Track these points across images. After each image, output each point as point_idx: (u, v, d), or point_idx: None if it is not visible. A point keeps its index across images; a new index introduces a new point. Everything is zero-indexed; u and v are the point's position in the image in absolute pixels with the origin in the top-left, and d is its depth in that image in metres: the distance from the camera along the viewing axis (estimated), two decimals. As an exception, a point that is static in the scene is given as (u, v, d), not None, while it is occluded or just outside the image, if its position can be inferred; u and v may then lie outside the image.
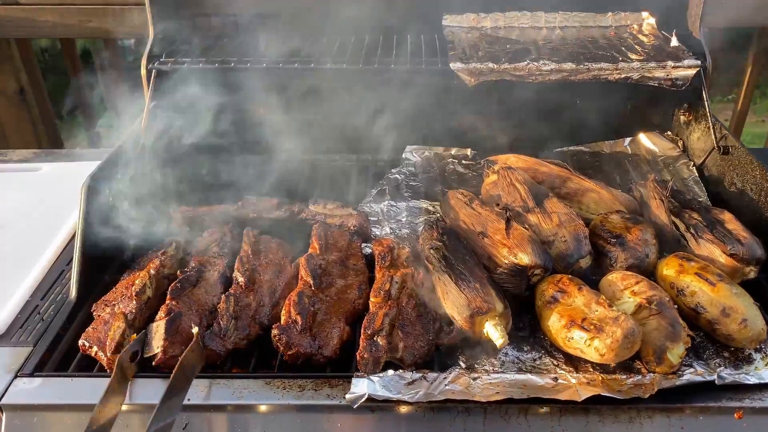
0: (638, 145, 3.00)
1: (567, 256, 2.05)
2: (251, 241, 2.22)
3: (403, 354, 1.80)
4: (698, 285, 1.90)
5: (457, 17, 3.00)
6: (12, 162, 2.93)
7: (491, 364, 1.83)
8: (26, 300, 2.08)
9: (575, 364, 1.82)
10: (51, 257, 2.28)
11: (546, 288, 1.93)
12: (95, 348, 1.85)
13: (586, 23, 2.98)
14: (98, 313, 1.99)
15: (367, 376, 1.71)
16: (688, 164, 2.78)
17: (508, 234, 2.06)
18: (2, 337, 1.93)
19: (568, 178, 2.44)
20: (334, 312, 1.97)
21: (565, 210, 2.18)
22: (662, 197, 2.28)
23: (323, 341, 1.86)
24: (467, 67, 2.54)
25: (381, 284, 1.99)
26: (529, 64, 2.53)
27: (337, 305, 2.00)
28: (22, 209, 2.57)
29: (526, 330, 1.96)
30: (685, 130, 2.91)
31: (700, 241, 2.10)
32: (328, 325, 1.91)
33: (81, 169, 2.61)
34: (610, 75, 2.55)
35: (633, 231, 2.12)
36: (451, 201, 2.38)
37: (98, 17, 3.83)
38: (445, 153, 2.99)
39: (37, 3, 3.82)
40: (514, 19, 2.99)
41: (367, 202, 2.62)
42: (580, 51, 2.66)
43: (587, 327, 1.75)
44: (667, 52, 2.64)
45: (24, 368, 1.81)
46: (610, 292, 1.92)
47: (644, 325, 1.78)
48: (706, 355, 1.84)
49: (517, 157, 2.58)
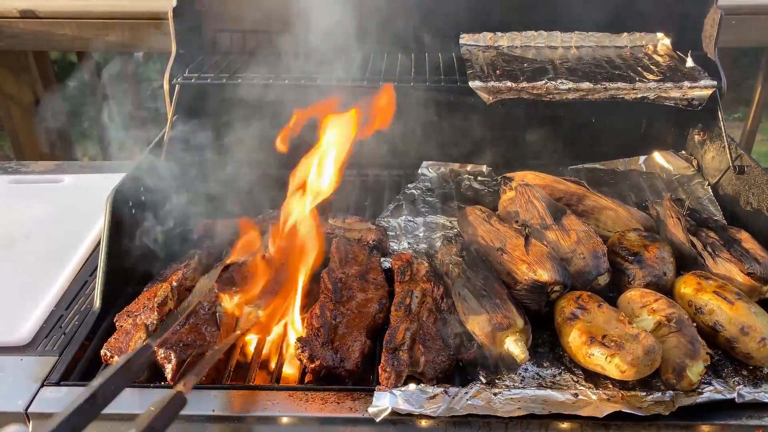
0: (653, 164, 3.02)
1: (586, 273, 2.08)
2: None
3: (425, 368, 1.82)
4: (716, 303, 1.91)
5: (473, 36, 3.04)
6: (34, 173, 2.97)
7: (511, 379, 1.85)
8: (51, 310, 2.11)
9: (595, 381, 1.83)
10: (75, 267, 2.31)
11: (565, 305, 1.95)
12: (116, 358, 1.88)
13: (602, 43, 3.02)
14: (120, 324, 2.01)
15: (389, 390, 1.73)
16: (703, 183, 2.80)
17: (527, 250, 2.08)
18: (28, 346, 1.96)
19: (584, 196, 2.46)
20: (355, 325, 1.98)
21: (583, 227, 2.20)
22: (679, 216, 2.30)
23: (345, 354, 1.87)
24: (486, 86, 2.57)
25: (401, 298, 2.01)
26: (546, 83, 2.57)
27: (358, 319, 2.02)
28: (46, 220, 2.60)
29: (545, 346, 1.98)
30: (700, 149, 2.93)
31: (718, 260, 2.12)
32: (349, 339, 1.92)
33: (103, 180, 2.67)
34: (627, 95, 2.58)
35: (651, 249, 2.14)
36: (469, 217, 2.40)
37: (115, 31, 3.89)
38: (460, 169, 3.02)
39: (55, 16, 3.89)
40: (531, 39, 3.03)
41: (385, 216, 2.65)
42: (597, 70, 2.70)
43: (608, 344, 1.76)
44: (683, 72, 2.67)
45: (50, 377, 1.83)
46: (629, 310, 1.94)
47: (663, 342, 1.79)
48: (725, 373, 1.86)
49: (535, 174, 2.61)
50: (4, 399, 1.76)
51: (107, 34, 3.91)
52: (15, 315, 2.07)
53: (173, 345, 1.85)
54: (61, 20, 3.89)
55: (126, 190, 2.27)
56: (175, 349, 1.83)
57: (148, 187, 2.39)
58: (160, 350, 1.83)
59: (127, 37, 3.90)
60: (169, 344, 1.84)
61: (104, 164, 3.16)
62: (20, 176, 2.96)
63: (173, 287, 2.10)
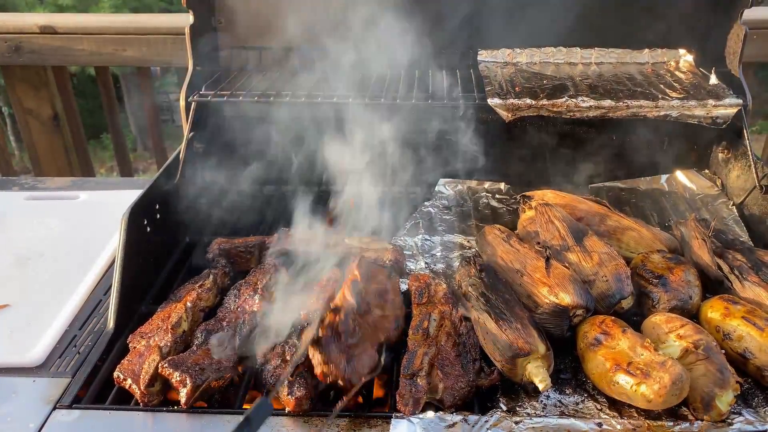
0: (675, 183, 2.96)
1: (609, 297, 2.02)
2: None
3: (443, 395, 1.77)
4: (746, 329, 1.85)
5: (492, 52, 3.01)
6: (50, 190, 2.97)
7: (533, 407, 1.79)
8: (65, 330, 2.09)
9: (619, 409, 1.77)
10: (89, 286, 2.29)
11: (588, 330, 1.90)
12: (129, 381, 1.84)
13: (623, 59, 2.97)
14: (134, 345, 1.98)
15: (407, 418, 1.69)
16: (728, 203, 2.73)
17: (548, 273, 2.03)
18: (41, 367, 1.93)
19: (606, 216, 2.41)
20: (369, 339, 1.92)
21: (605, 248, 2.15)
22: (704, 237, 2.24)
23: (356, 367, 1.81)
24: (505, 103, 2.54)
25: (419, 321, 1.97)
26: (567, 101, 2.52)
27: (372, 335, 1.96)
28: (61, 237, 2.59)
29: (567, 372, 1.93)
30: (724, 167, 2.87)
31: (746, 284, 2.05)
32: (364, 355, 1.86)
33: (118, 197, 2.66)
34: (649, 112, 2.52)
35: (676, 271, 2.09)
36: (488, 237, 2.36)
37: (133, 46, 3.92)
38: (478, 186, 2.98)
39: (74, 32, 3.93)
40: (550, 55, 3.00)
41: (401, 235, 2.61)
42: (618, 88, 2.65)
43: (633, 371, 1.71)
44: (707, 89, 2.61)
45: (62, 400, 1.81)
46: (654, 335, 1.88)
47: (691, 370, 1.73)
48: (755, 402, 1.79)
49: (555, 193, 2.56)
50: (17, 422, 1.73)
51: (125, 49, 3.94)
52: (29, 335, 2.05)
53: (189, 368, 1.81)
54: (79, 36, 3.93)
55: (141, 208, 2.26)
56: (191, 372, 1.79)
57: (163, 205, 2.37)
58: (175, 373, 1.79)
59: (144, 52, 3.93)
60: (185, 367, 1.81)
61: (120, 181, 3.16)
62: (36, 192, 2.96)
63: (187, 308, 2.07)
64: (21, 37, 3.89)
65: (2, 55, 3.93)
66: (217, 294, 2.21)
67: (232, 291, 2.17)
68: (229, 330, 2.00)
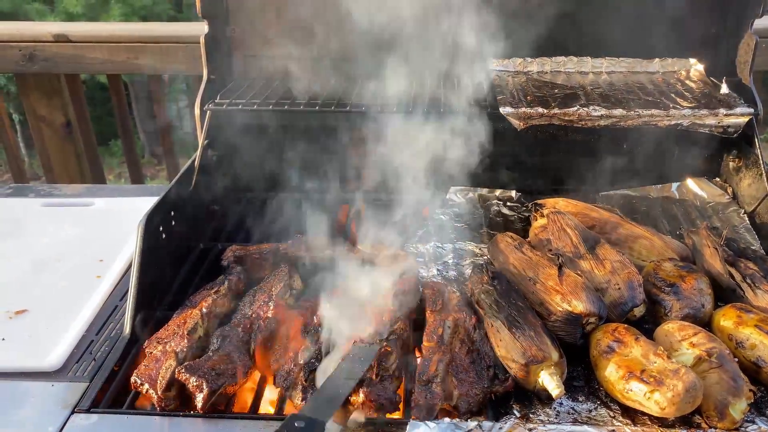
0: (686, 191, 2.97)
1: (621, 305, 2.03)
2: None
3: (458, 402, 1.78)
4: (759, 338, 1.86)
5: (503, 61, 3.03)
6: (65, 197, 3.01)
7: (546, 414, 1.80)
8: (81, 335, 2.11)
9: (632, 417, 1.78)
10: (106, 292, 2.32)
11: (601, 337, 1.91)
12: (146, 386, 1.86)
13: (633, 68, 2.99)
14: (150, 351, 2.01)
15: (423, 423, 1.70)
16: (739, 211, 2.74)
17: (561, 280, 2.04)
18: (59, 372, 1.96)
19: (618, 224, 2.42)
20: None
21: (617, 257, 2.16)
22: (716, 245, 2.25)
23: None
24: (517, 112, 2.56)
25: (433, 328, 1.98)
26: (578, 110, 2.54)
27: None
28: (77, 243, 2.62)
29: (580, 379, 1.93)
30: (735, 176, 2.88)
31: (758, 292, 2.06)
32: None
33: (133, 204, 2.70)
34: (660, 121, 2.54)
35: (688, 279, 2.09)
36: (500, 245, 2.37)
37: (146, 54, 3.96)
38: (489, 194, 2.99)
39: (87, 40, 3.97)
40: (561, 64, 3.02)
41: (413, 242, 2.63)
42: (629, 97, 2.67)
43: (647, 379, 1.72)
44: (718, 99, 2.63)
45: (80, 404, 1.83)
46: (666, 343, 1.89)
47: (704, 378, 1.74)
48: (769, 411, 1.80)
49: (567, 201, 2.57)
50: (35, 426, 1.75)
51: (137, 57, 3.98)
52: (47, 340, 2.08)
53: (206, 373, 1.83)
54: (92, 44, 3.97)
55: (157, 215, 2.28)
56: (207, 377, 1.81)
57: (178, 212, 2.39)
58: (192, 378, 1.81)
59: (157, 60, 3.97)
60: (201, 372, 1.82)
61: (134, 188, 3.19)
62: (52, 199, 2.99)
63: (203, 314, 2.09)
64: (35, 46, 3.93)
65: (17, 64, 3.98)
66: (232, 300, 2.22)
67: (246, 297, 2.20)
68: (245, 335, 2.03)
